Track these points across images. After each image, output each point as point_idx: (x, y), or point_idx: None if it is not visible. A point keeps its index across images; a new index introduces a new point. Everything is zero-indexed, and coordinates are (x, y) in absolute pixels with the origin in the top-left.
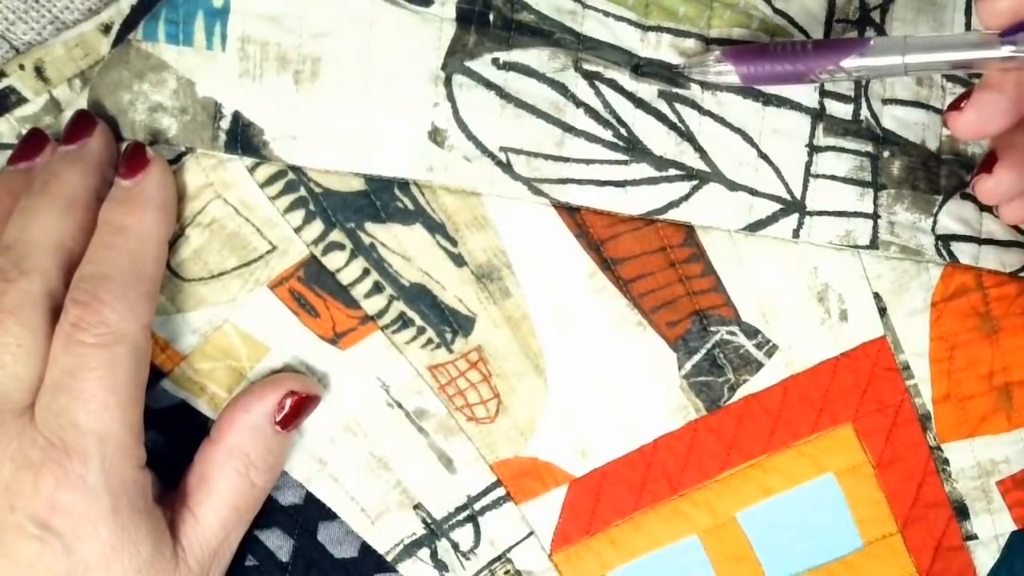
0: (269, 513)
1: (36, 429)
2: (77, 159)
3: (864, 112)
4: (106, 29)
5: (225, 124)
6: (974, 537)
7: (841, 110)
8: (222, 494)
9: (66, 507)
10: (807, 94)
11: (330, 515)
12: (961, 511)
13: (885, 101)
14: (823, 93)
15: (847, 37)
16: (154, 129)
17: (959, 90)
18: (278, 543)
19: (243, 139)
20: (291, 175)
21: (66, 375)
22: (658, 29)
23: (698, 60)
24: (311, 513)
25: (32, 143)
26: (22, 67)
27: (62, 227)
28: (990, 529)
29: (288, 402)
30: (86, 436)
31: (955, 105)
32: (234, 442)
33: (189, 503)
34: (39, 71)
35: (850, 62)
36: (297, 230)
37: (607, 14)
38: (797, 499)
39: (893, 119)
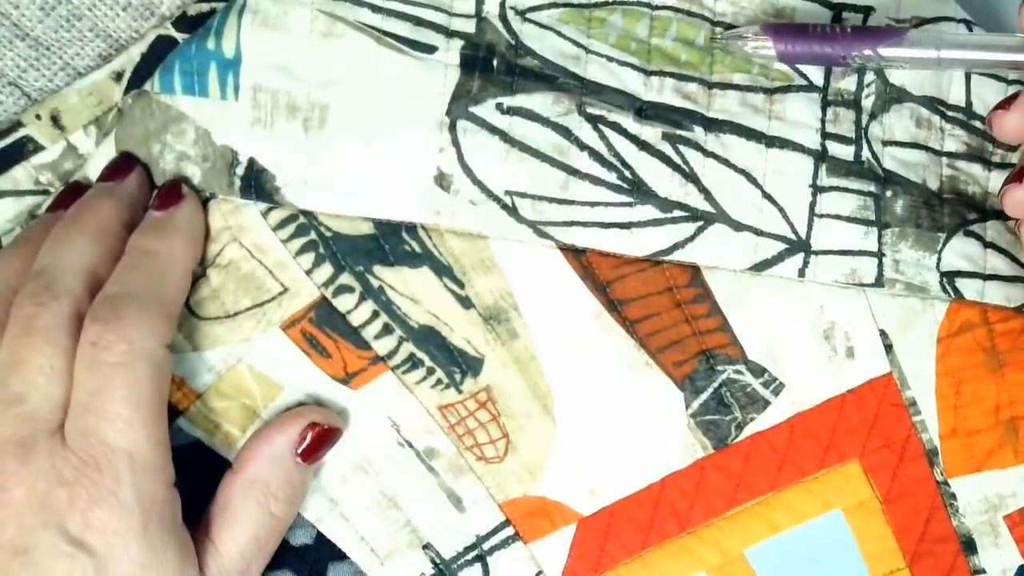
0: (280, 553)
1: (68, 448)
2: (111, 192)
3: (865, 153)
4: (118, 77)
5: (240, 171)
6: (982, 572)
7: (843, 151)
8: (243, 524)
9: (100, 523)
10: (809, 136)
11: (340, 556)
12: (968, 545)
13: (885, 143)
14: (824, 135)
15: (886, 26)
16: (182, 177)
17: (958, 132)
18: None
19: (257, 185)
20: (302, 219)
21: (91, 396)
22: (661, 74)
23: (735, 33)
24: (321, 553)
25: (71, 192)
26: (38, 117)
27: (91, 253)
28: (997, 563)
29: (310, 434)
30: (116, 453)
31: (1002, 105)
32: (255, 472)
33: (211, 533)
34: (55, 120)
35: (886, 50)
36: (308, 272)
37: (610, 59)
38: (805, 535)
39: (894, 160)
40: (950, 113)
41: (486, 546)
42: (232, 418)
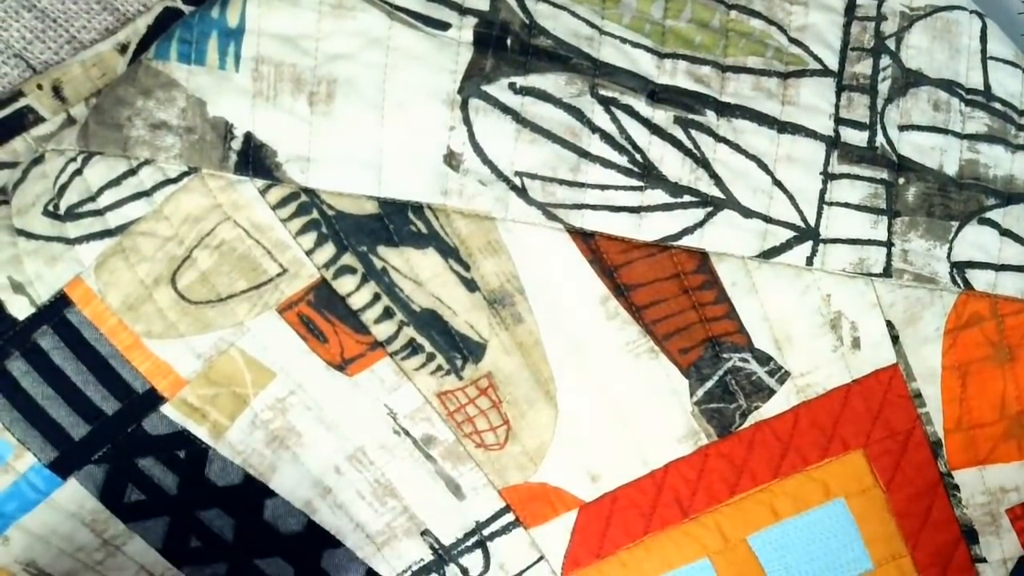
0: (269, 542)
1: None
2: None
3: (880, 139)
4: (123, 49)
5: (236, 145)
6: (982, 560)
7: (856, 137)
8: None
9: None
10: (822, 121)
11: (334, 542)
12: (970, 535)
13: (902, 127)
14: (838, 121)
15: None
16: (154, 146)
17: (979, 114)
18: (278, 572)
19: (255, 160)
20: (304, 197)
21: None
22: (674, 56)
23: None
24: (315, 541)
25: None
26: (40, 87)
27: None
28: (999, 553)
29: None
30: None
31: None
32: None
33: None
34: (57, 91)
35: None
36: (308, 253)
37: (624, 40)
38: (807, 523)
39: (910, 145)
40: (969, 96)
41: (486, 532)
42: (221, 406)
